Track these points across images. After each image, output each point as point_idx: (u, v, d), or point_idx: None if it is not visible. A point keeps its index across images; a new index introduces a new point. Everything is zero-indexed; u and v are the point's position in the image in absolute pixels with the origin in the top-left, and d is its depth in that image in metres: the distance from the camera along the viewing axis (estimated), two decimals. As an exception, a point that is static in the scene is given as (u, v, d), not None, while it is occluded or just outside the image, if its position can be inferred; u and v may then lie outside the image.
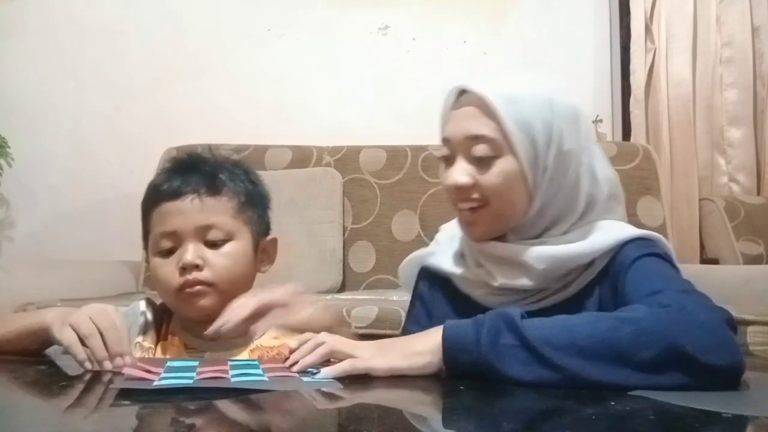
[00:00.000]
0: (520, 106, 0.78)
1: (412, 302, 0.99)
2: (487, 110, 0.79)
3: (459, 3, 2.40)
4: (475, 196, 0.81)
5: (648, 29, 2.27)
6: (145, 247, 0.89)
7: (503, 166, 0.79)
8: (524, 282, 0.81)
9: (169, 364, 0.68)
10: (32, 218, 2.38)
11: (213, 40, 2.41)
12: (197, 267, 0.81)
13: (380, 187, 2.02)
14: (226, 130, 2.26)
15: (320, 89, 2.38)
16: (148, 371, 0.62)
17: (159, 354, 0.85)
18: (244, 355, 0.85)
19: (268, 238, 0.92)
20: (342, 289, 1.91)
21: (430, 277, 0.95)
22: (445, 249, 0.94)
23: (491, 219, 0.82)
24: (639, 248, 0.79)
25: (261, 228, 0.90)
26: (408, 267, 0.99)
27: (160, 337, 0.87)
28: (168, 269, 0.82)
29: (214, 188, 0.85)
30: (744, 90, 2.23)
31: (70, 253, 2.26)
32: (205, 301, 0.82)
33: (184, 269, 0.81)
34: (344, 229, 1.97)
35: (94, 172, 2.36)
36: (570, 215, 0.83)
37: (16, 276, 1.60)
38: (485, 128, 0.79)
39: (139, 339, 0.85)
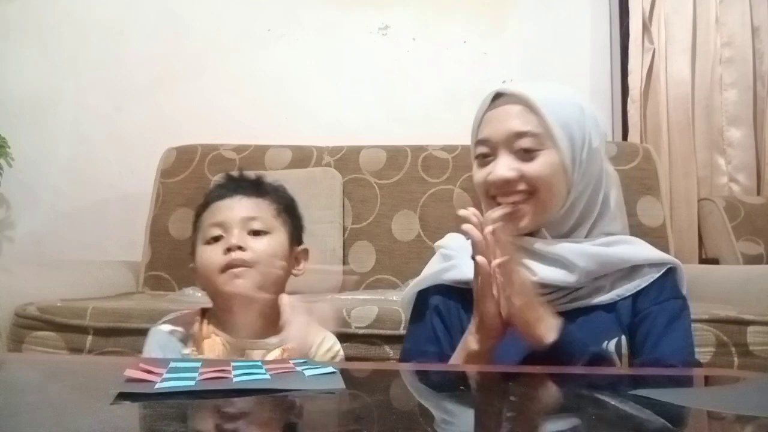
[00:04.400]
0: (558, 108, 0.86)
1: (423, 321, 0.94)
2: (529, 108, 0.85)
3: (459, 3, 2.40)
4: (522, 187, 0.85)
5: (646, 29, 2.27)
6: (192, 252, 0.97)
7: (547, 158, 0.85)
8: (565, 277, 0.84)
9: (171, 364, 0.68)
10: (32, 218, 2.39)
11: (213, 41, 2.41)
12: (240, 248, 0.90)
13: (380, 187, 2.02)
14: (226, 130, 2.26)
15: (320, 89, 2.38)
16: (149, 372, 0.62)
17: (206, 352, 0.89)
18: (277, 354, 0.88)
19: (301, 247, 1.01)
20: (342, 289, 1.91)
21: (445, 293, 0.93)
22: (464, 259, 0.92)
23: (537, 210, 0.86)
24: (676, 290, 0.88)
25: (296, 235, 1.00)
26: (415, 289, 0.97)
27: (201, 338, 0.92)
28: (214, 252, 0.91)
29: (259, 192, 0.98)
30: (744, 90, 2.23)
31: (70, 253, 2.26)
32: (246, 282, 0.89)
33: (230, 250, 0.90)
34: (344, 229, 1.97)
35: (94, 172, 2.36)
36: (593, 211, 0.90)
37: (16, 276, 1.60)
38: (529, 124, 0.85)
39: (187, 351, 0.91)
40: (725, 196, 2.14)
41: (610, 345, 0.82)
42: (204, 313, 0.97)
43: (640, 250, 0.90)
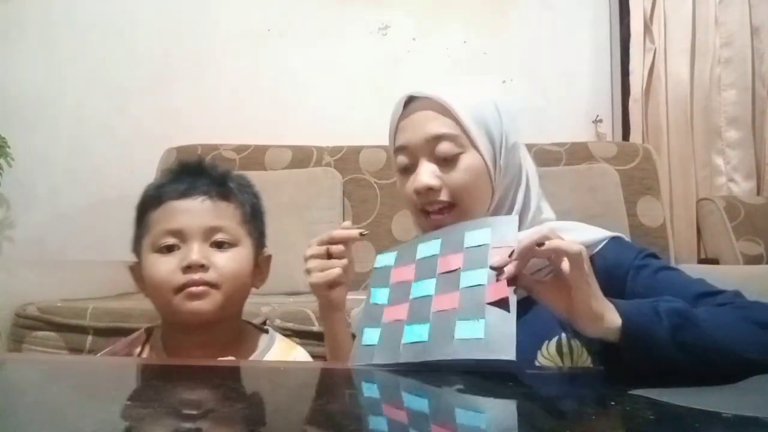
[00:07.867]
0: (473, 107, 0.82)
1: None
2: (444, 111, 0.82)
3: (459, 3, 2.40)
4: (444, 198, 0.81)
5: (647, 29, 2.27)
6: (136, 250, 0.86)
7: (468, 161, 0.81)
8: None
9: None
10: (32, 218, 2.39)
11: (213, 40, 2.41)
12: (203, 267, 0.78)
13: (380, 187, 2.02)
14: (226, 130, 2.26)
15: (320, 89, 2.38)
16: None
17: None
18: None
19: (265, 254, 0.91)
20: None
21: None
22: None
23: (462, 219, 0.81)
24: (628, 249, 0.79)
25: (260, 243, 0.89)
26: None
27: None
28: (168, 267, 0.79)
29: (224, 193, 0.84)
30: (742, 91, 2.23)
31: (70, 253, 2.26)
32: (207, 304, 0.78)
33: (189, 268, 0.78)
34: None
35: (94, 172, 2.36)
36: (515, 209, 0.84)
37: (16, 276, 1.60)
38: (446, 126, 0.81)
39: None
40: (725, 196, 2.14)
41: (550, 345, 0.74)
42: (148, 334, 0.87)
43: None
